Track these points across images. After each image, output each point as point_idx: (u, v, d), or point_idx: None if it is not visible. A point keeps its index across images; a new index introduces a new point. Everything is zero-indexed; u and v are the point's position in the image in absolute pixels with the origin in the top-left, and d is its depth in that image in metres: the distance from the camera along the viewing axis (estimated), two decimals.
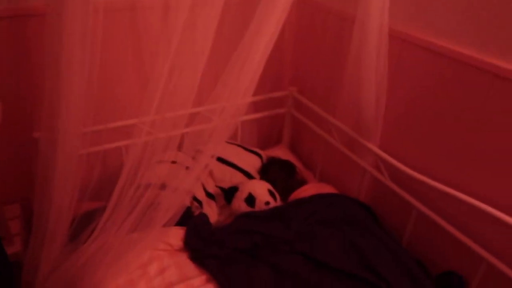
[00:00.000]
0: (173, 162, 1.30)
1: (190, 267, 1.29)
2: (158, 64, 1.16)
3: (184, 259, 1.32)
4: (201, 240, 1.35)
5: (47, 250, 1.25)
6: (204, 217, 1.48)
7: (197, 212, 1.52)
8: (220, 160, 1.69)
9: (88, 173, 1.43)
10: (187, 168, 1.30)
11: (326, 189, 1.72)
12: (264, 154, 1.91)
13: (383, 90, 1.44)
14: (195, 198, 1.52)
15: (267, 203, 1.55)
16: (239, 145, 1.86)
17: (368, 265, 1.29)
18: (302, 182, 1.78)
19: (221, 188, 1.67)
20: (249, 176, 1.72)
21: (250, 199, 1.55)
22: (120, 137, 1.65)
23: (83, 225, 1.33)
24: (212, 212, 1.61)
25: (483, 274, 1.24)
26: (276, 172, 1.76)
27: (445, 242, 1.37)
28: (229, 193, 1.61)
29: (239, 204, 1.56)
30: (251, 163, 1.79)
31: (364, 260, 1.31)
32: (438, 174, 1.36)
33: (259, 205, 1.54)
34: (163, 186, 1.26)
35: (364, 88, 1.44)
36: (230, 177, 1.69)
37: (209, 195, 1.64)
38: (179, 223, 1.39)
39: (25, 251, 1.36)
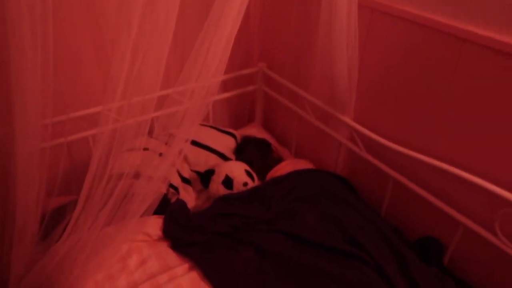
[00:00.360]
0: (145, 149, 1.24)
1: (171, 257, 1.25)
2: (119, 47, 1.08)
3: (164, 249, 1.28)
4: (180, 227, 1.32)
5: (17, 250, 1.18)
6: (181, 203, 1.44)
7: (173, 199, 1.48)
8: (194, 143, 1.64)
9: (54, 166, 1.35)
10: (160, 154, 1.25)
11: (303, 165, 1.71)
12: (238, 133, 1.87)
13: (355, 61, 1.42)
14: (171, 185, 1.48)
15: (245, 184, 1.52)
16: (211, 127, 1.81)
17: (349, 237, 1.30)
18: (279, 160, 1.76)
19: (197, 172, 1.63)
20: (224, 157, 1.69)
21: (228, 181, 1.52)
22: (85, 126, 1.56)
23: (54, 221, 1.27)
24: (190, 197, 1.57)
25: (460, 237, 1.28)
26: (251, 152, 1.73)
27: (422, 209, 1.40)
28: (206, 176, 1.57)
29: (217, 187, 1.52)
30: (226, 144, 1.75)
31: (345, 233, 1.32)
32: (412, 142, 1.37)
33: (237, 187, 1.52)
34: (137, 175, 1.20)
35: (336, 60, 1.41)
36: (205, 160, 1.64)
37: (185, 180, 1.60)
38: (157, 212, 1.34)
39: None
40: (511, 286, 1.19)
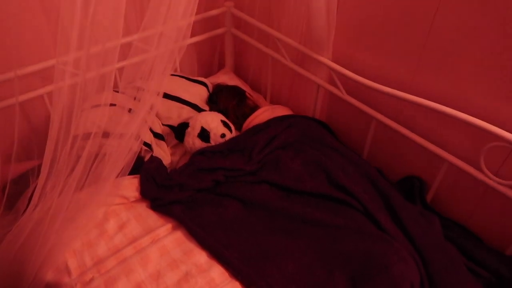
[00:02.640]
0: (112, 105, 1.12)
1: (152, 218, 1.19)
2: None
3: (143, 210, 1.21)
4: (159, 187, 1.24)
5: None
6: (156, 160, 1.35)
7: (147, 157, 1.38)
8: (164, 95, 1.52)
9: (8, 130, 1.21)
10: (130, 110, 1.13)
11: (281, 111, 1.63)
12: (209, 82, 1.75)
13: None
14: (143, 142, 1.37)
15: (223, 135, 1.44)
16: (181, 76, 1.68)
17: (334, 182, 1.28)
18: (254, 107, 1.68)
19: (170, 126, 1.52)
20: (198, 109, 1.58)
21: (204, 134, 1.43)
22: (38, 84, 1.40)
23: (18, 191, 1.15)
24: (164, 153, 1.47)
25: (444, 175, 1.28)
26: (225, 100, 1.63)
27: (405, 149, 1.39)
28: (180, 130, 1.47)
29: (193, 141, 1.44)
30: (198, 94, 1.63)
31: (330, 178, 1.30)
32: (394, 81, 1.32)
33: (215, 139, 1.43)
34: (106, 134, 1.09)
35: None
36: (177, 113, 1.53)
37: (157, 135, 1.50)
38: (130, 172, 1.25)
39: None
40: (495, 220, 1.22)
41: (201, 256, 1.10)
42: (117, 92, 1.30)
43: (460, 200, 1.29)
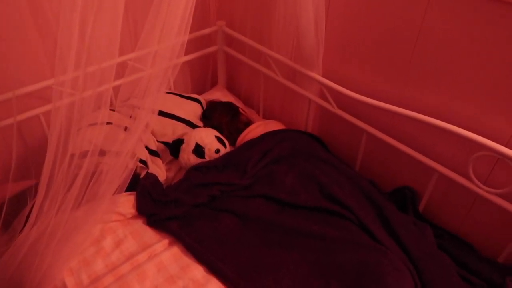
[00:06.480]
0: (108, 123, 1.14)
1: (148, 234, 1.20)
2: (64, 12, 0.95)
3: (140, 227, 1.22)
4: (155, 203, 1.25)
5: None
6: (152, 177, 1.37)
7: (143, 173, 1.40)
8: (159, 113, 1.54)
9: (6, 150, 1.22)
10: (125, 129, 1.15)
11: (273, 125, 1.66)
12: (203, 99, 1.78)
13: (321, 8, 1.34)
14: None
15: (217, 150, 1.46)
16: (175, 94, 1.70)
17: (328, 195, 1.30)
18: (248, 123, 1.71)
19: (165, 143, 1.54)
20: (192, 125, 1.61)
21: (199, 150, 1.45)
22: (34, 104, 1.42)
23: (15, 210, 1.16)
24: (160, 170, 1.49)
25: (434, 184, 1.30)
26: (219, 117, 1.66)
27: (396, 160, 1.42)
28: (175, 146, 1.49)
29: (188, 157, 1.45)
30: (192, 111, 1.66)
31: (324, 190, 1.31)
32: (384, 94, 1.36)
33: (209, 155, 1.46)
34: (102, 152, 1.11)
35: (301, 10, 1.34)
36: (172, 130, 1.56)
37: (152, 152, 1.51)
38: (126, 189, 1.26)
39: None
40: (486, 228, 1.25)
41: (198, 271, 1.11)
42: (113, 110, 1.32)
43: (452, 209, 1.32)
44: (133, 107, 1.20)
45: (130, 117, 1.21)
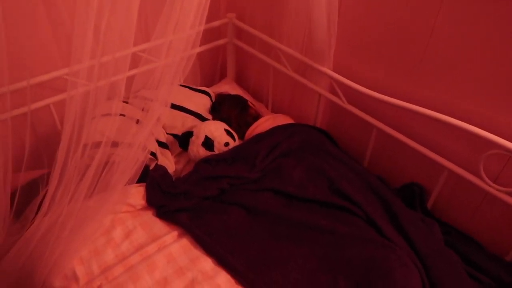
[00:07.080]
0: (121, 115, 1.14)
1: (158, 226, 1.20)
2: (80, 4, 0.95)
3: (149, 218, 1.23)
4: (165, 195, 1.26)
5: None
6: (162, 169, 1.37)
7: (152, 165, 1.40)
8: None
9: (19, 139, 1.22)
10: (137, 121, 1.15)
11: (283, 120, 1.66)
12: (212, 91, 1.78)
13: (334, 4, 1.33)
14: None
15: (227, 144, 1.47)
16: (184, 86, 1.70)
17: (336, 189, 1.30)
18: (257, 116, 1.71)
19: (174, 135, 1.54)
20: (201, 118, 1.61)
21: (208, 143, 1.45)
22: (45, 94, 1.42)
23: (27, 198, 1.16)
24: (169, 162, 1.49)
25: (444, 182, 1.30)
26: (228, 110, 1.66)
27: (405, 157, 1.41)
28: (184, 139, 1.50)
29: (197, 150, 1.46)
30: (201, 103, 1.66)
31: (332, 185, 1.32)
32: (395, 90, 1.35)
33: (219, 147, 1.46)
34: (115, 144, 1.11)
35: (313, 6, 1.33)
36: (181, 122, 1.56)
37: (162, 144, 1.52)
38: (137, 181, 1.27)
39: None
40: (494, 226, 1.25)
41: (207, 263, 1.12)
42: (126, 102, 1.33)
43: (460, 207, 1.32)
44: (145, 99, 1.20)
45: (142, 109, 1.21)
